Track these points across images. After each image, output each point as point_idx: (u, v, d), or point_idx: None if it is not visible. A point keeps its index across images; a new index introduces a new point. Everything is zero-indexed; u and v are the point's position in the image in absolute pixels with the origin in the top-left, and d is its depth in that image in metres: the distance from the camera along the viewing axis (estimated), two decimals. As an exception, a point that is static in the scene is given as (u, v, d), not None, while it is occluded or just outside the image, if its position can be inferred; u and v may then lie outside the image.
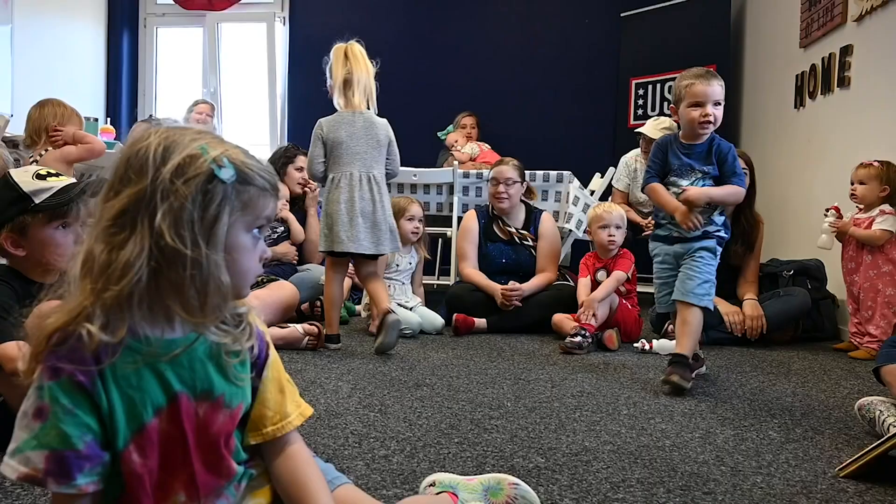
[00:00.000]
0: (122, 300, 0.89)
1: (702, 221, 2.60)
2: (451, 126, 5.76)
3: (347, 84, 3.18)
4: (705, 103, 2.57)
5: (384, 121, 3.26)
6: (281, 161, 4.36)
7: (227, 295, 0.95)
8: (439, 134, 5.76)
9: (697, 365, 2.69)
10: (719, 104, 2.59)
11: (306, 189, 4.36)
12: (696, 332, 2.62)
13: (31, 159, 3.52)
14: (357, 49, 3.21)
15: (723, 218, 2.67)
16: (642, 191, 2.82)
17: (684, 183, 2.62)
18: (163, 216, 0.89)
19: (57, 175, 1.79)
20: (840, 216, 3.38)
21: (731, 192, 2.63)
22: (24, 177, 1.74)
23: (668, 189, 2.66)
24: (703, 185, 2.61)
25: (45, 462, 0.87)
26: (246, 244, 0.96)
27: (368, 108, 3.21)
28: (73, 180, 1.82)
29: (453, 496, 1.36)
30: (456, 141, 5.54)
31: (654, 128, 4.48)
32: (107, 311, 0.90)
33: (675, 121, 2.76)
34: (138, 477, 0.93)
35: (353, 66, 3.17)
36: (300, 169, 4.30)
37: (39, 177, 1.75)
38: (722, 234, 2.66)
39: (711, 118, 2.58)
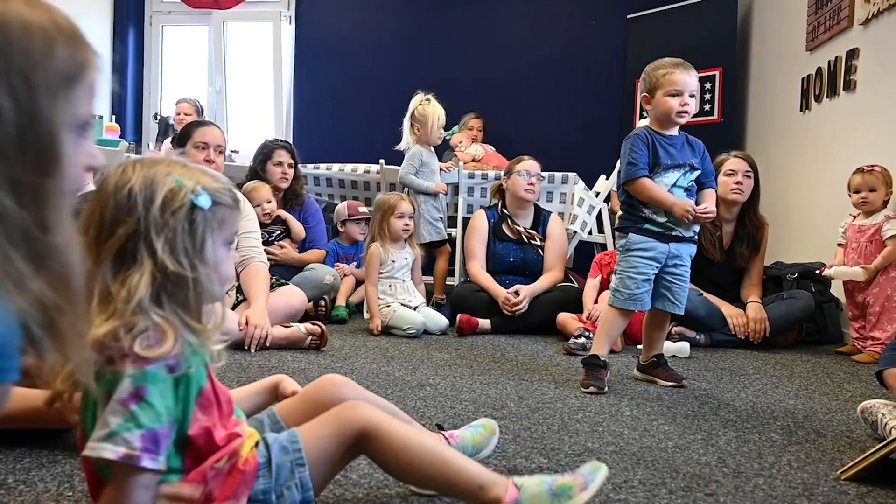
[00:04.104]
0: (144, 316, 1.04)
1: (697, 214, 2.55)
2: (457, 127, 5.75)
3: None
4: (683, 92, 2.53)
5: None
6: (259, 159, 4.24)
7: (215, 300, 1.14)
8: (445, 134, 5.75)
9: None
10: (693, 96, 2.57)
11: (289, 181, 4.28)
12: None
13: None
14: (425, 109, 4.29)
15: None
16: (624, 185, 2.58)
17: (675, 175, 2.57)
18: (162, 247, 1.05)
19: None
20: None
21: (714, 197, 2.66)
22: None
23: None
24: (690, 178, 2.59)
25: (141, 440, 0.99)
26: (226, 256, 1.15)
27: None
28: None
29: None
30: (460, 142, 5.54)
31: None
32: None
33: (647, 111, 2.66)
34: (207, 430, 1.10)
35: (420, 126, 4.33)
36: (279, 164, 4.22)
37: None
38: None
39: (689, 108, 2.55)
